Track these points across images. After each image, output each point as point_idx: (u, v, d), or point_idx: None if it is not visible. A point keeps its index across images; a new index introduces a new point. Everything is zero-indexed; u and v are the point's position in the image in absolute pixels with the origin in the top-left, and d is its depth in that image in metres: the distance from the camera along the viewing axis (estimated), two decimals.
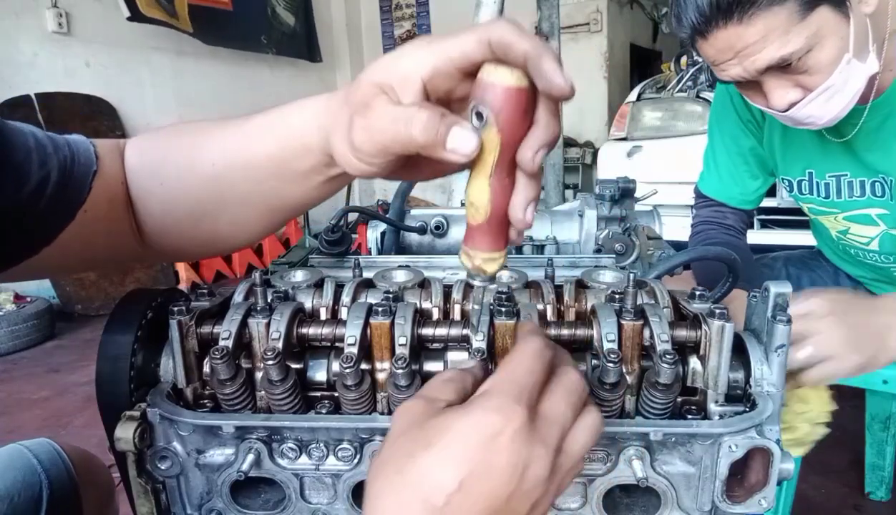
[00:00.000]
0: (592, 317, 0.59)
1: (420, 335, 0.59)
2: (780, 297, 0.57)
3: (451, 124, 0.44)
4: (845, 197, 1.29)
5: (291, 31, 7.01)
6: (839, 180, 1.29)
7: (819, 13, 0.97)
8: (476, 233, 0.49)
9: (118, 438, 0.57)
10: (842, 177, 1.28)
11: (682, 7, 1.04)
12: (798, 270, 1.56)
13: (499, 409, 0.42)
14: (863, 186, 1.25)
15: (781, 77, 1.04)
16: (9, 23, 4.66)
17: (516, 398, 0.42)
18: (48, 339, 4.15)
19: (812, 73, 1.02)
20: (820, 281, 1.54)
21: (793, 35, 0.97)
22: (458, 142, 0.44)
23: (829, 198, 1.32)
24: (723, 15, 0.99)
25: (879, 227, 1.29)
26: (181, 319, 0.58)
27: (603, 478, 0.59)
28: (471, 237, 0.49)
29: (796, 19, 0.96)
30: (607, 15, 6.92)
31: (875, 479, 1.99)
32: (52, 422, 2.84)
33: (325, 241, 0.88)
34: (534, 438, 0.42)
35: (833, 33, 0.99)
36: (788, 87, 1.05)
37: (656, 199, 1.17)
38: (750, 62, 1.02)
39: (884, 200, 1.24)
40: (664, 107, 3.60)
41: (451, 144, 0.44)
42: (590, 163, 6.74)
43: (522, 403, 0.42)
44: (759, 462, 0.58)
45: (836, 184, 1.30)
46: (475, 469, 0.40)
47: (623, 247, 0.92)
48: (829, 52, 0.99)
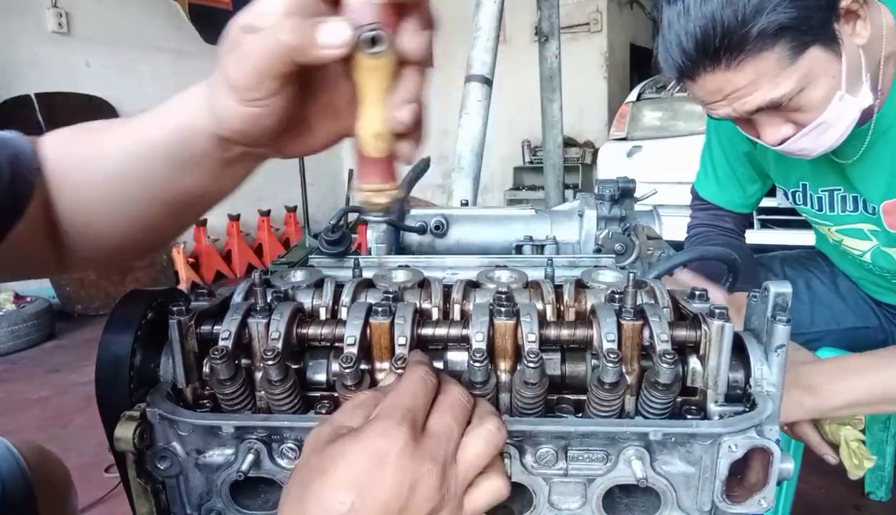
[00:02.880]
0: (592, 317, 0.59)
1: (420, 335, 0.59)
2: (780, 297, 0.57)
3: (318, 22, 0.44)
4: (838, 211, 1.29)
5: None
6: (832, 195, 1.28)
7: (810, 54, 0.94)
8: (376, 165, 0.48)
9: (118, 438, 0.57)
10: (835, 191, 1.27)
11: (668, 49, 1.00)
12: (795, 271, 1.56)
13: (384, 432, 0.45)
14: (855, 201, 1.24)
15: (774, 114, 1.02)
16: (9, 23, 4.66)
17: (399, 420, 0.46)
18: (48, 339, 4.15)
19: (804, 111, 1.00)
20: (817, 281, 1.53)
21: (783, 78, 0.95)
22: (330, 35, 0.43)
23: (822, 211, 1.32)
24: (710, 60, 0.96)
25: (872, 242, 1.28)
26: (181, 319, 0.58)
27: (603, 478, 0.58)
28: (368, 171, 0.49)
29: (786, 63, 0.94)
30: (607, 15, 6.92)
31: (875, 479, 1.99)
32: (52, 422, 2.84)
33: (325, 241, 0.88)
34: (420, 455, 0.45)
35: (825, 72, 0.96)
36: (780, 124, 1.04)
37: (656, 199, 1.16)
38: (740, 104, 1.00)
39: (876, 217, 1.22)
40: (664, 107, 3.60)
41: (322, 39, 0.44)
42: (590, 162, 6.75)
43: (406, 424, 0.46)
44: (758, 462, 0.58)
45: (828, 198, 1.29)
46: (365, 490, 0.43)
47: (623, 247, 0.92)
48: (821, 90, 0.97)
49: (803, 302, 1.50)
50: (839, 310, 1.50)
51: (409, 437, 0.45)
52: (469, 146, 2.37)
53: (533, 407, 0.57)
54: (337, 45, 0.43)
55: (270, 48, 0.44)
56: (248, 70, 0.46)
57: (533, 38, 6.02)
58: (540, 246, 1.03)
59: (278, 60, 0.45)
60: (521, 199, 7.01)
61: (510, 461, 0.57)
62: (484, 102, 2.42)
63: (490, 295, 0.62)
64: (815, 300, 1.51)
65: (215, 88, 0.50)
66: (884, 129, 1.11)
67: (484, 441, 0.49)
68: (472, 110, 2.40)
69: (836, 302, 1.50)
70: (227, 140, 0.52)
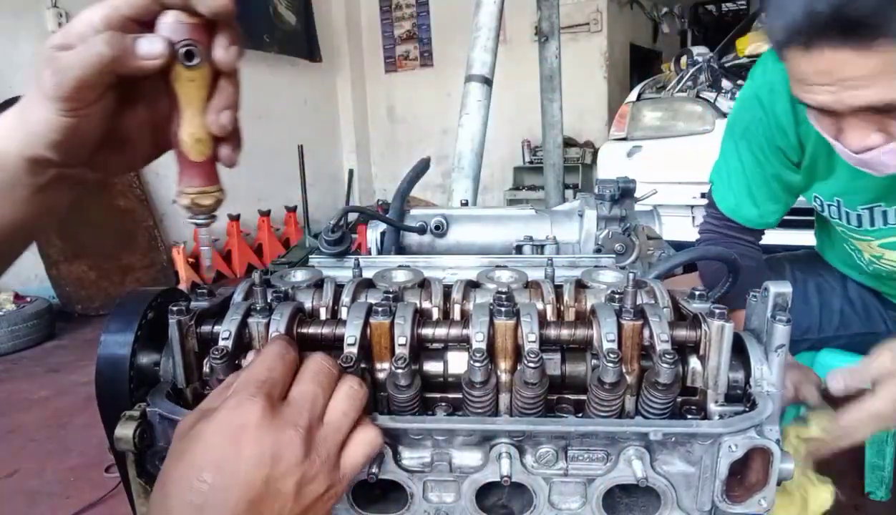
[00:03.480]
0: (592, 317, 0.59)
1: (420, 335, 0.59)
2: (780, 297, 0.57)
3: (136, 37, 0.48)
4: (879, 225, 1.21)
5: (293, 29, 7.02)
6: (872, 211, 1.20)
7: None
8: (199, 169, 0.52)
9: (118, 438, 0.57)
10: (875, 207, 1.19)
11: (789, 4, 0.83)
12: (804, 274, 1.51)
13: (237, 406, 0.47)
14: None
15: (869, 118, 0.89)
16: (9, 23, 4.66)
17: (253, 392, 0.47)
18: (48, 339, 4.15)
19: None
20: (827, 285, 1.49)
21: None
22: (148, 47, 0.48)
23: (861, 227, 1.24)
24: (840, 32, 0.80)
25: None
26: (181, 319, 0.58)
27: (603, 478, 0.58)
28: (191, 176, 0.52)
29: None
30: (607, 15, 6.92)
31: (875, 479, 1.99)
32: (52, 422, 2.84)
33: (325, 241, 0.88)
34: (280, 424, 0.47)
35: None
36: (871, 130, 0.90)
37: (656, 199, 1.16)
38: (849, 96, 0.85)
39: None
40: (664, 107, 3.60)
41: (140, 51, 0.47)
42: (590, 162, 6.75)
43: (260, 396, 0.47)
44: (758, 462, 0.58)
45: (868, 215, 1.21)
46: (224, 465, 0.44)
47: (623, 247, 0.92)
48: None
49: (812, 306, 1.47)
50: (847, 315, 1.47)
51: (265, 408, 0.46)
52: (469, 146, 2.37)
53: (533, 407, 0.57)
54: (154, 56, 0.48)
55: (90, 59, 0.46)
56: (68, 79, 0.47)
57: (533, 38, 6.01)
58: (540, 246, 1.03)
59: (98, 70, 0.47)
60: (521, 199, 7.01)
61: (510, 461, 0.57)
62: (484, 102, 2.42)
63: (490, 295, 0.62)
64: (824, 304, 1.48)
65: (28, 105, 0.50)
66: None
67: (348, 398, 0.51)
68: (472, 110, 2.40)
69: (845, 307, 1.47)
70: (39, 162, 0.51)
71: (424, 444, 0.59)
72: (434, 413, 0.60)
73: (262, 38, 6.55)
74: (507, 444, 0.57)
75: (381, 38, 8.12)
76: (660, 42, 8.38)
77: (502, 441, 0.58)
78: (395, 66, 8.14)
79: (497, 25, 2.49)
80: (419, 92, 7.94)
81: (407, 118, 8.15)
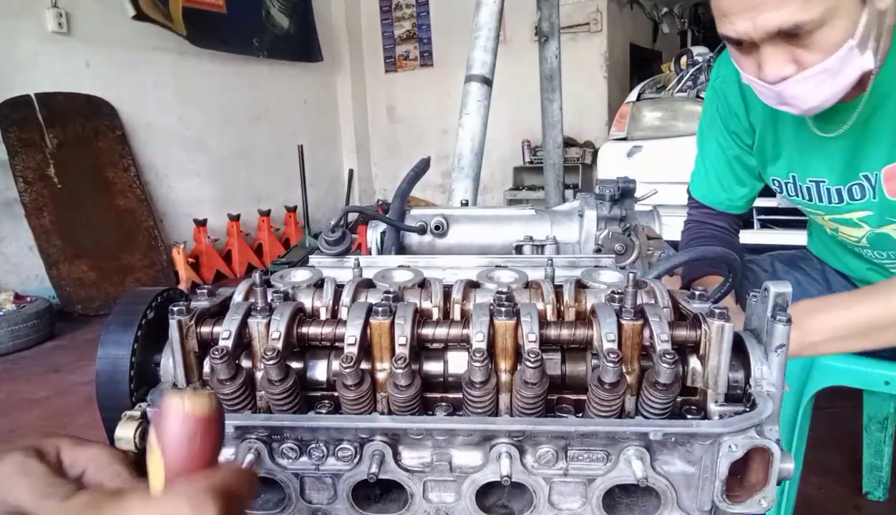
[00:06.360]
0: (592, 317, 0.59)
1: (420, 335, 0.59)
2: (780, 297, 0.57)
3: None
4: (825, 202, 1.30)
5: (285, 32, 7.00)
6: (818, 186, 1.29)
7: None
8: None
9: (118, 438, 0.57)
10: (820, 183, 1.29)
11: None
12: (785, 268, 1.58)
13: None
14: (839, 194, 1.26)
15: (781, 46, 1.02)
16: (9, 23, 4.66)
17: None
18: (48, 339, 4.15)
19: (813, 51, 1.00)
20: (808, 278, 1.55)
21: (814, 3, 0.95)
22: None
23: (811, 201, 1.33)
24: None
25: (864, 229, 1.29)
26: (181, 319, 0.58)
27: (603, 478, 0.59)
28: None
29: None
30: (607, 15, 6.92)
31: (873, 479, 1.99)
32: (52, 422, 2.84)
33: (325, 241, 0.88)
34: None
35: (847, 16, 0.97)
36: (785, 61, 1.03)
37: (656, 199, 1.16)
38: (764, 18, 0.97)
39: (864, 202, 1.23)
40: (664, 107, 3.60)
41: None
42: (590, 163, 6.75)
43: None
44: (759, 462, 0.58)
45: (815, 189, 1.30)
46: None
47: (623, 247, 0.92)
48: (838, 33, 0.98)
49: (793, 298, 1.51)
50: None
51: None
52: (469, 146, 2.36)
53: (533, 407, 0.57)
54: None
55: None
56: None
57: (533, 38, 6.02)
58: (540, 246, 1.03)
59: None
60: (521, 199, 7.02)
61: (510, 461, 0.57)
62: (484, 102, 2.41)
63: (490, 295, 0.62)
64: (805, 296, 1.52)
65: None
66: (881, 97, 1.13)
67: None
68: (472, 110, 2.40)
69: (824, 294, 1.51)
70: None
71: (424, 444, 0.59)
72: (434, 413, 0.60)
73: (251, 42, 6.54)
74: (507, 444, 0.58)
75: (380, 38, 8.12)
76: (660, 42, 8.38)
77: (502, 441, 0.58)
78: (394, 66, 8.15)
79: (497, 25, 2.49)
80: (419, 92, 7.95)
81: (407, 118, 8.15)
